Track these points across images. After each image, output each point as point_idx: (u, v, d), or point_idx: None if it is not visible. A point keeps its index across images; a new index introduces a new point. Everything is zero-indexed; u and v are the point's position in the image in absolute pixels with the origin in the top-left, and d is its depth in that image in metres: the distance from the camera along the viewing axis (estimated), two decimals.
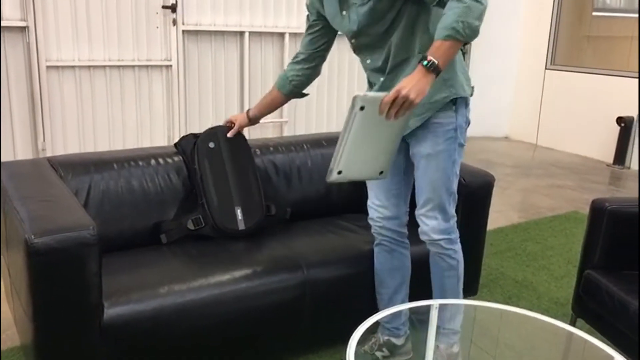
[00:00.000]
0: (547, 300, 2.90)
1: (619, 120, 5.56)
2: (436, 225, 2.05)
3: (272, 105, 2.43)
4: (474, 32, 1.71)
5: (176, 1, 4.49)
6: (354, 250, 2.38)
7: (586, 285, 2.18)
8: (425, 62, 1.70)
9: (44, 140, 4.22)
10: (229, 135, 2.50)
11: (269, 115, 4.72)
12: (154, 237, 2.39)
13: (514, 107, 6.64)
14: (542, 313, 2.75)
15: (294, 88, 2.34)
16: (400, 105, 1.69)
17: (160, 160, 2.53)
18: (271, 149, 2.83)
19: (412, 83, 1.69)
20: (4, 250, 2.19)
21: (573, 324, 2.33)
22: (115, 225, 2.34)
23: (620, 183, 5.20)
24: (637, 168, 5.50)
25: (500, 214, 4.10)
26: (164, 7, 4.47)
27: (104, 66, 4.35)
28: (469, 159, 2.23)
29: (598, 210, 2.20)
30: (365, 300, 2.33)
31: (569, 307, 2.49)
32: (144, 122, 4.60)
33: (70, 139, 4.34)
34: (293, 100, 5.27)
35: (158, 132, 4.69)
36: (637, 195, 4.56)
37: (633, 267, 2.15)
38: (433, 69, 1.70)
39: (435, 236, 2.07)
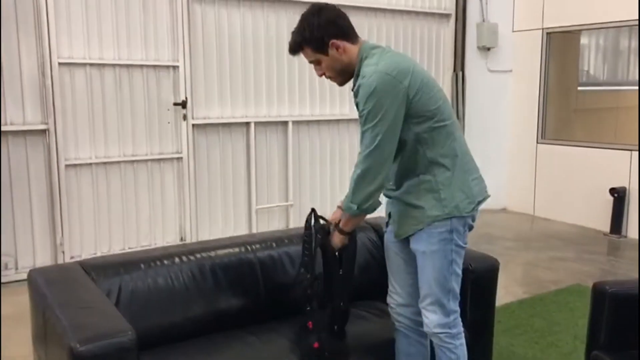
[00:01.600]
0: None
1: (612, 191, 5.76)
2: (436, 320, 2.19)
3: None
4: (367, 200, 2.11)
5: (186, 98, 4.77)
6: (374, 338, 2.50)
7: None
8: (336, 225, 2.26)
9: (62, 236, 4.37)
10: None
11: (274, 199, 4.93)
12: (178, 333, 2.50)
13: (510, 180, 6.86)
14: None
15: None
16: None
17: (184, 258, 2.67)
18: (285, 241, 2.96)
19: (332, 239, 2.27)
20: (44, 352, 2.29)
21: None
22: (143, 322, 2.46)
23: (619, 253, 5.35)
24: (634, 237, 5.66)
25: (505, 290, 4.21)
26: (175, 104, 4.75)
27: (119, 162, 4.58)
28: (471, 234, 2.39)
29: (599, 293, 2.34)
30: None
31: None
32: (156, 214, 4.79)
33: (86, 234, 4.51)
34: (297, 184, 5.51)
35: (170, 224, 4.86)
36: (636, 272, 4.70)
37: (637, 347, 2.27)
38: (340, 232, 2.24)
39: (436, 329, 2.21)
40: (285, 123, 5.36)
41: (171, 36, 4.70)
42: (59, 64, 4.25)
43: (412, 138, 2.12)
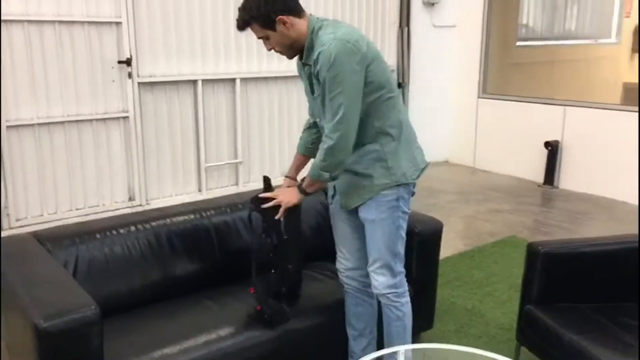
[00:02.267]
0: (494, 326, 3.24)
1: (547, 144, 6.08)
2: (384, 281, 2.35)
3: (302, 166, 2.63)
4: (337, 168, 2.21)
5: (131, 55, 4.66)
6: (327, 299, 2.65)
7: (527, 319, 2.53)
8: (299, 186, 2.34)
9: (6, 199, 4.29)
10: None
11: (223, 157, 4.97)
12: (137, 300, 2.57)
13: (453, 134, 7.09)
14: (490, 340, 3.12)
15: (313, 149, 2.51)
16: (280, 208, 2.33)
17: (140, 227, 2.71)
18: (240, 206, 3.03)
19: (286, 194, 2.36)
20: (5, 329, 2.32)
21: (517, 352, 2.67)
22: (102, 291, 2.51)
23: (551, 204, 5.70)
24: (566, 187, 6.02)
25: (447, 243, 4.43)
26: (119, 62, 4.63)
27: (63, 122, 4.47)
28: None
29: (533, 252, 2.55)
30: (342, 346, 2.59)
31: (513, 332, 2.83)
32: (103, 174, 4.73)
33: (31, 196, 4.43)
34: (246, 142, 5.56)
35: (118, 183, 4.83)
36: (567, 222, 5.03)
37: (566, 300, 2.51)
38: (302, 192, 2.32)
39: (384, 290, 2.37)
40: (233, 80, 5.32)
41: None
42: None
43: (362, 108, 2.20)
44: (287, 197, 2.36)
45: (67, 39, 4.40)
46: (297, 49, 2.26)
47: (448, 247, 4.36)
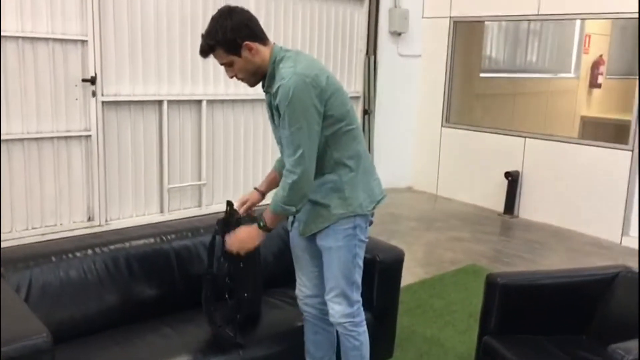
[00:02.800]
0: (453, 356, 3.26)
1: (507, 174, 6.21)
2: (341, 310, 2.35)
3: (276, 181, 2.58)
4: (302, 200, 2.20)
5: (95, 74, 4.61)
6: (286, 326, 2.63)
7: (485, 349, 2.55)
8: (260, 223, 2.25)
9: None
10: (242, 212, 2.54)
11: (186, 179, 4.96)
12: (92, 326, 2.50)
13: (416, 161, 7.19)
14: None
15: None
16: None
17: (97, 250, 2.65)
18: (201, 230, 3.00)
19: (240, 238, 2.30)
20: None
21: None
22: (55, 317, 2.44)
23: (511, 232, 5.81)
24: (525, 217, 6.15)
25: (408, 271, 4.45)
26: (83, 80, 4.57)
27: (22, 139, 4.37)
28: (378, 214, 2.56)
29: (491, 284, 2.59)
30: None
31: None
32: (62, 193, 4.64)
33: None
34: (210, 163, 5.55)
35: (77, 203, 4.73)
36: (526, 252, 5.13)
37: (524, 331, 2.55)
38: (264, 228, 2.24)
39: (341, 319, 2.37)
40: (199, 102, 5.31)
41: (80, 9, 4.48)
42: None
43: (321, 140, 2.21)
44: (245, 242, 2.30)
45: (30, 55, 4.33)
46: (259, 76, 2.27)
47: (409, 275, 4.39)
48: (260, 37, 2.22)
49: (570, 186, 5.82)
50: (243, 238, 2.30)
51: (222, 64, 2.25)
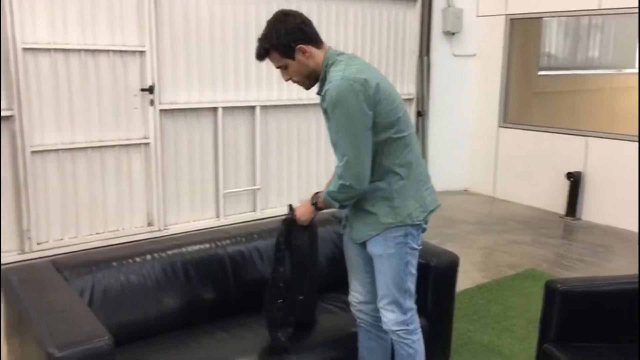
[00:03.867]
0: None
1: (569, 175, 6.00)
2: (394, 318, 2.32)
3: None
4: (349, 201, 2.25)
5: (153, 83, 4.75)
6: (340, 332, 2.63)
7: (545, 358, 2.47)
8: (313, 201, 2.33)
9: (28, 222, 4.36)
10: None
11: (241, 184, 5.01)
12: (150, 330, 2.58)
13: (472, 162, 7.05)
14: None
15: None
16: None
17: (155, 255, 2.73)
18: (255, 236, 3.04)
19: (300, 208, 2.38)
20: (19, 353, 2.34)
21: None
22: (116, 320, 2.52)
23: (573, 236, 5.61)
24: (589, 219, 5.93)
25: (465, 275, 4.39)
26: (142, 89, 4.72)
27: (86, 148, 4.55)
28: (434, 218, 2.52)
29: (551, 290, 2.50)
30: None
31: None
32: (123, 199, 4.80)
33: (53, 219, 4.50)
34: (264, 168, 5.59)
35: (137, 208, 4.88)
36: (589, 256, 4.94)
37: (585, 339, 2.45)
38: (315, 206, 2.33)
39: (394, 327, 2.34)
40: (252, 107, 5.38)
41: (137, 21, 4.64)
42: (23, 49, 4.17)
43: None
44: (300, 211, 2.39)
45: (92, 67, 4.50)
46: (314, 79, 2.28)
47: (465, 279, 4.31)
48: (314, 40, 2.23)
49: (636, 187, 5.57)
50: (301, 211, 2.38)
51: (277, 67, 2.28)
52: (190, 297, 2.71)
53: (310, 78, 2.28)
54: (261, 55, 2.26)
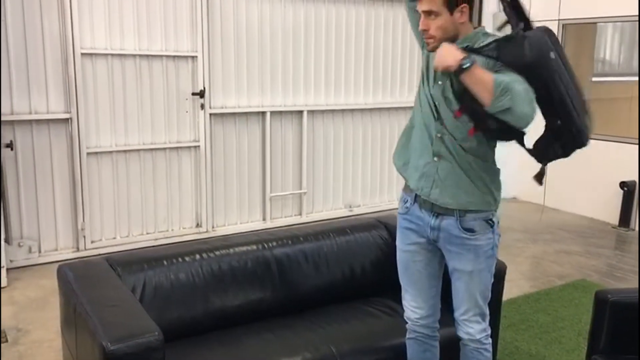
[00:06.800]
0: None
1: (622, 184, 5.82)
2: (479, 328, 2.30)
3: None
4: (504, 105, 1.92)
5: (204, 87, 4.86)
6: (383, 340, 2.63)
7: None
8: (467, 61, 1.93)
9: (83, 221, 4.53)
10: None
11: (288, 188, 5.02)
12: (198, 327, 2.64)
13: (521, 170, 6.90)
14: None
15: None
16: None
17: (204, 255, 2.79)
18: (301, 238, 3.07)
19: (440, 52, 1.99)
20: (74, 344, 2.44)
21: None
22: (166, 317, 2.60)
23: (626, 247, 5.43)
24: None
25: (512, 284, 4.32)
26: (193, 93, 4.84)
27: (139, 150, 4.70)
28: None
29: (601, 301, 2.44)
30: None
31: None
32: (173, 201, 4.92)
33: (106, 219, 4.66)
34: (311, 173, 5.57)
35: (187, 210, 5.00)
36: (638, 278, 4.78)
37: (634, 352, 2.38)
38: (459, 68, 1.94)
39: (479, 336, 2.31)
40: (300, 112, 5.44)
41: (190, 27, 4.77)
42: (82, 54, 4.35)
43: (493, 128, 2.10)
44: (443, 56, 1.99)
45: (146, 72, 4.65)
46: (446, 41, 2.07)
47: (513, 288, 4.23)
48: (472, 11, 2.12)
49: None
50: (442, 53, 2.00)
51: (424, 11, 2.09)
52: (237, 297, 2.76)
53: (445, 39, 2.07)
54: None
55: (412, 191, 2.29)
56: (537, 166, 2.36)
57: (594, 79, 7.23)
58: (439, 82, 2.16)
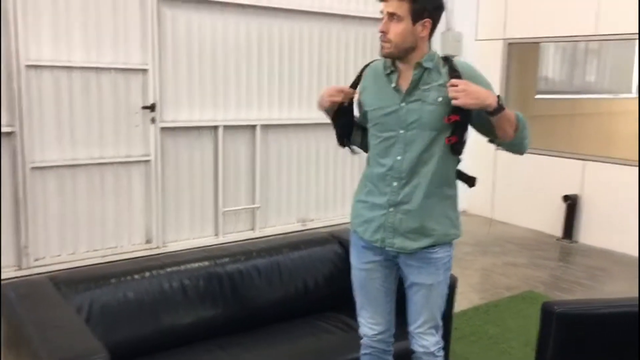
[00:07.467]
0: None
1: (565, 198, 6.03)
2: (434, 340, 2.33)
3: None
4: (525, 136, 2.25)
5: (155, 101, 4.79)
6: (337, 355, 2.62)
7: None
8: (501, 101, 2.08)
9: (26, 238, 4.36)
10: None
11: (241, 202, 4.98)
12: (148, 347, 2.57)
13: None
14: None
15: None
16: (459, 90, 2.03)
17: (154, 272, 2.73)
18: (254, 254, 3.05)
19: (476, 89, 2.05)
20: None
21: None
22: (113, 337, 2.52)
23: (570, 258, 5.61)
24: (585, 242, 5.94)
25: (462, 296, 4.39)
26: (143, 107, 4.76)
27: (86, 165, 4.57)
28: None
29: (548, 313, 2.50)
30: None
31: None
32: (122, 216, 4.81)
33: (51, 236, 4.50)
34: (264, 187, 5.57)
35: (136, 226, 4.89)
36: (586, 279, 4.95)
37: None
38: (498, 107, 2.07)
39: (433, 349, 2.33)
40: (253, 126, 5.42)
41: (140, 40, 4.70)
42: (26, 66, 4.22)
43: (444, 150, 2.24)
44: (480, 94, 2.07)
45: (95, 84, 4.54)
46: (400, 51, 2.12)
47: (464, 300, 4.31)
48: (433, 32, 2.16)
49: (633, 210, 5.58)
50: (475, 90, 2.05)
51: (389, 13, 2.10)
52: (188, 315, 2.70)
53: (399, 48, 2.11)
54: None
55: None
56: (486, 181, 2.43)
57: (538, 96, 7.50)
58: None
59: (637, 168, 5.64)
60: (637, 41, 5.14)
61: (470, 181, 2.37)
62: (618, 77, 8.05)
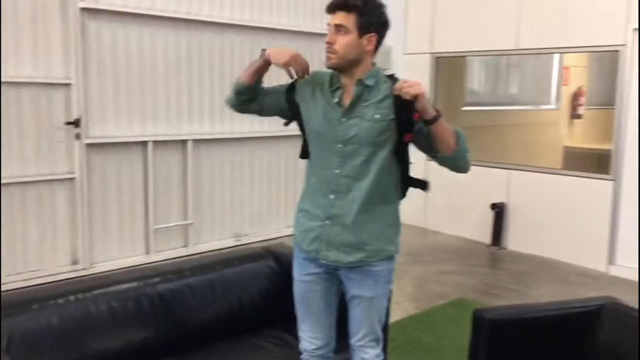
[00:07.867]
0: None
1: (493, 206, 6.24)
2: (375, 353, 2.33)
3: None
4: (459, 151, 2.26)
5: (79, 116, 4.61)
6: None
7: None
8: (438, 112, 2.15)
9: None
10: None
11: (173, 219, 4.85)
12: None
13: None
14: None
15: None
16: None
17: (80, 296, 2.61)
18: (186, 272, 2.97)
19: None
20: None
21: None
22: None
23: (499, 265, 5.80)
24: (513, 249, 6.16)
25: (398, 306, 4.44)
26: (67, 123, 4.57)
27: (6, 184, 4.34)
28: None
29: (479, 319, 2.57)
30: None
31: None
32: (46, 237, 4.59)
33: None
34: (197, 203, 5.48)
35: (61, 246, 4.68)
36: (515, 284, 5.12)
37: None
38: (437, 115, 2.14)
39: None
40: (184, 142, 5.31)
41: (62, 53, 4.52)
42: None
43: (393, 159, 2.25)
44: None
45: (13, 99, 4.33)
46: (345, 65, 2.16)
47: (399, 310, 4.36)
48: (377, 47, 2.19)
49: (556, 216, 5.85)
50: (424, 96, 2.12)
51: (336, 25, 2.13)
52: (117, 339, 2.59)
53: (344, 61, 2.14)
54: (342, 7, 2.12)
55: None
56: (419, 191, 2.48)
57: (465, 108, 7.75)
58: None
59: (559, 176, 5.92)
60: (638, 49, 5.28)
61: (423, 185, 2.39)
62: (538, 89, 8.45)
